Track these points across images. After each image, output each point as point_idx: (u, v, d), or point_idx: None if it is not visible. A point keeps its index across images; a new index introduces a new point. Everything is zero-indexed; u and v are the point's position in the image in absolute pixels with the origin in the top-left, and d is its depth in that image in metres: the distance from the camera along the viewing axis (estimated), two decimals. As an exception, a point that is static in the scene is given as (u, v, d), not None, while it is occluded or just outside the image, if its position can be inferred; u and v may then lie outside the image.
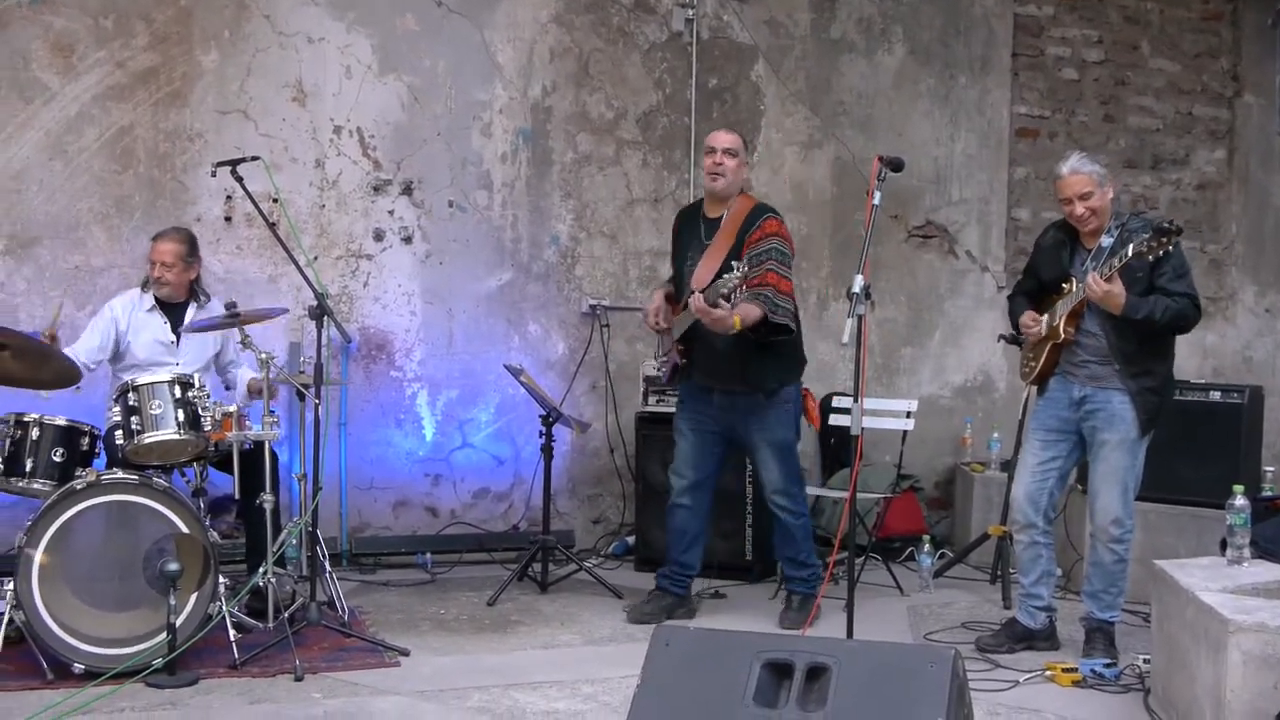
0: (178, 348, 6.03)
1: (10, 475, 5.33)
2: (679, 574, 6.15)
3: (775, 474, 6.01)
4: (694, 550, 6.16)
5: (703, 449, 6.10)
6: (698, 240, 6.00)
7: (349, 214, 7.23)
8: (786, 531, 6.10)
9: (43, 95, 6.72)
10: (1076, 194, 5.33)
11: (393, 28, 7.24)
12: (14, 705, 4.65)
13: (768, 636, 3.63)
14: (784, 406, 6.00)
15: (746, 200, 5.98)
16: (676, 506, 6.14)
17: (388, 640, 5.54)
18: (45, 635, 4.92)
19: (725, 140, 5.95)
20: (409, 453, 7.36)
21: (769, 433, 5.98)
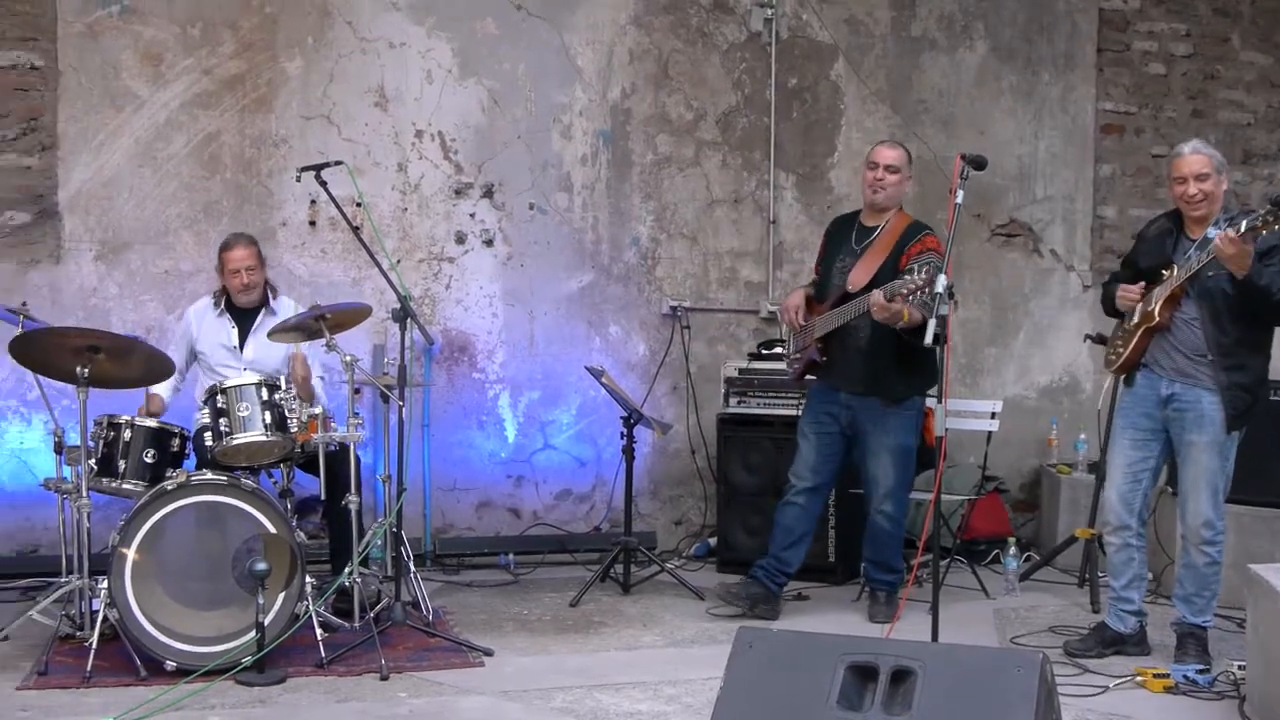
0: (242, 352, 6.09)
1: (103, 476, 5.43)
2: (776, 569, 6.14)
3: (889, 480, 6.01)
4: (797, 549, 6.15)
5: (824, 454, 6.12)
6: (849, 245, 6.07)
7: (431, 217, 7.29)
8: (880, 537, 6.10)
9: (133, 103, 6.85)
10: (1193, 173, 5.26)
11: (472, 32, 7.29)
12: (109, 701, 4.74)
13: (852, 639, 3.60)
14: (908, 415, 6.04)
15: (904, 216, 6.08)
16: (789, 504, 6.15)
17: (472, 640, 5.57)
18: (138, 633, 5.01)
19: (888, 157, 6.04)
20: (491, 454, 7.41)
21: (890, 437, 5.99)
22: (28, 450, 6.74)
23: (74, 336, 5.32)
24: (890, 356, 5.88)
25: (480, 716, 4.75)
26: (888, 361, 5.90)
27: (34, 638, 5.40)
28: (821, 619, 6.04)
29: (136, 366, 5.49)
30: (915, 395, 6.06)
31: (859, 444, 6.11)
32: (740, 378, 7.18)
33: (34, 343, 5.32)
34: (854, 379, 5.99)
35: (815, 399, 6.21)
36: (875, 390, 5.96)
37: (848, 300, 5.89)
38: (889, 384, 5.94)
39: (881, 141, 6.34)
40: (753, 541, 6.88)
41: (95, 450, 5.43)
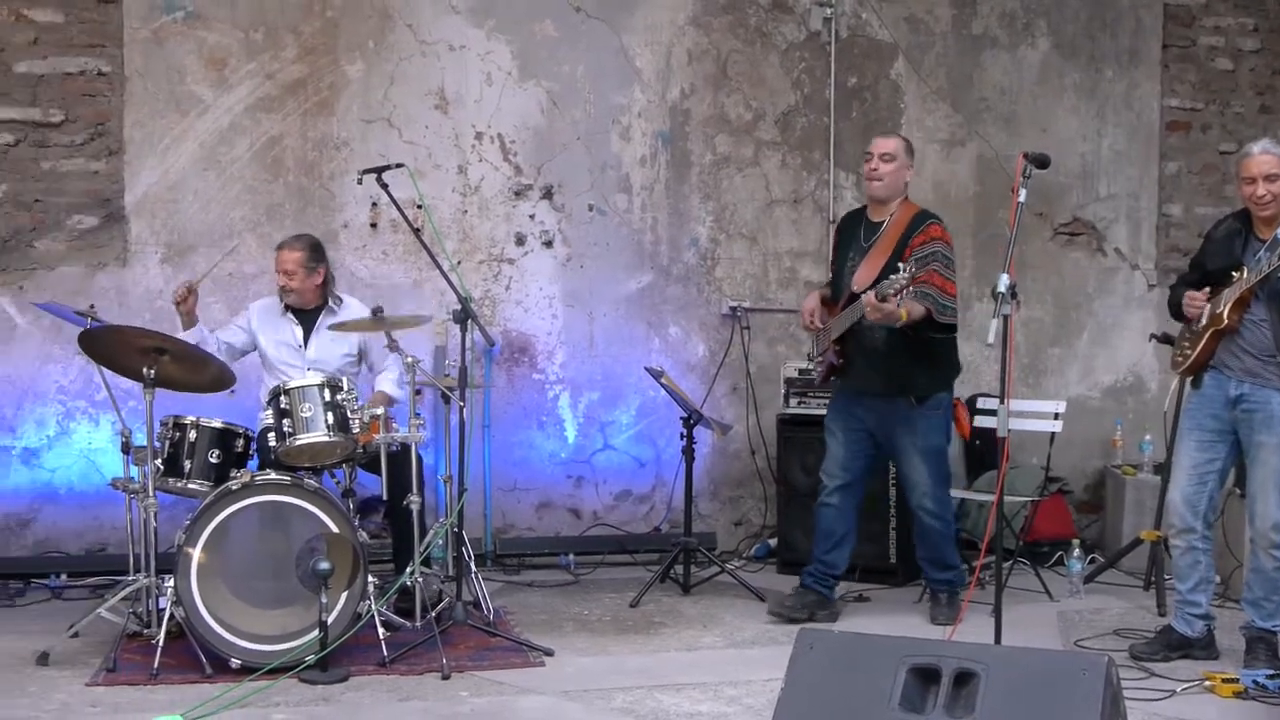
0: (305, 351, 6.14)
1: (169, 476, 5.50)
2: (823, 573, 6.12)
3: (925, 480, 5.97)
4: (840, 550, 6.12)
5: (853, 450, 6.08)
6: (857, 243, 6.03)
7: (491, 219, 7.32)
8: (929, 535, 6.06)
9: (197, 108, 6.93)
10: (1262, 174, 5.18)
11: (531, 34, 7.32)
12: (176, 698, 4.80)
13: (914, 641, 3.57)
14: (934, 413, 5.99)
15: (909, 207, 6.00)
16: (824, 506, 6.12)
17: (532, 640, 5.60)
18: (204, 631, 5.08)
19: (882, 145, 5.99)
20: (551, 454, 7.43)
21: (919, 439, 5.95)
22: (96, 450, 6.84)
23: (141, 337, 5.40)
24: (907, 354, 5.82)
25: (541, 716, 4.77)
26: (905, 360, 5.84)
27: (103, 635, 5.49)
28: (882, 621, 6.00)
29: (200, 372, 5.56)
30: (939, 391, 6.01)
31: (889, 447, 6.09)
32: (800, 378, 7.15)
33: (102, 341, 5.41)
34: (873, 381, 5.95)
35: (841, 399, 6.18)
36: (896, 390, 5.91)
37: (855, 299, 5.84)
38: (909, 383, 5.90)
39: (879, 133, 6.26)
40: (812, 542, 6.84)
41: (161, 450, 5.49)
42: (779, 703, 3.42)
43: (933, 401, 5.97)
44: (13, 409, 6.76)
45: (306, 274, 6.09)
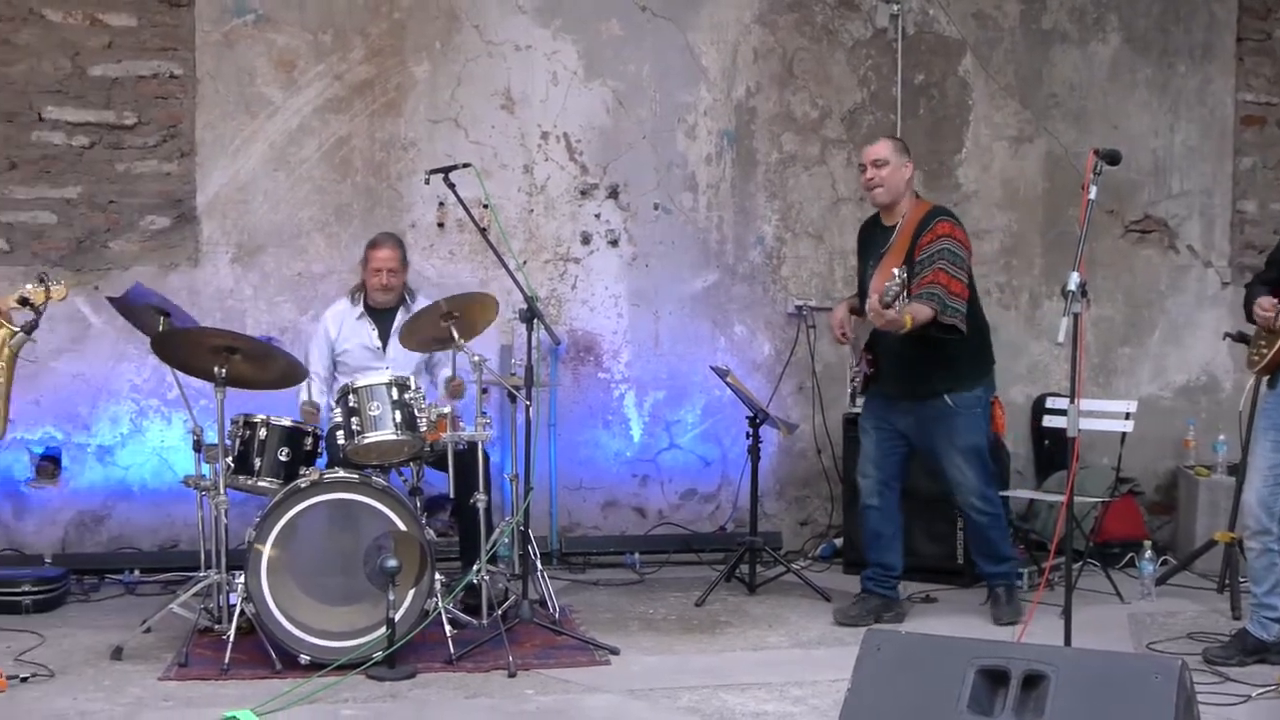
0: (385, 353, 6.20)
1: (240, 473, 5.56)
2: (882, 575, 6.09)
3: (969, 479, 5.94)
4: (893, 551, 6.09)
5: (884, 447, 6.07)
6: (875, 250, 5.99)
7: (557, 218, 7.34)
8: (981, 531, 6.04)
9: (267, 109, 7.01)
10: None
11: (597, 33, 7.33)
12: (246, 693, 4.86)
13: (982, 642, 3.54)
14: (970, 412, 5.95)
15: (920, 206, 5.96)
16: (867, 509, 6.11)
17: (598, 639, 5.60)
18: (274, 627, 5.13)
19: (873, 153, 5.95)
20: (617, 453, 7.44)
21: (957, 438, 5.92)
22: (168, 448, 6.94)
23: (212, 337, 5.47)
24: (933, 357, 5.76)
25: (606, 715, 4.77)
26: (928, 362, 5.78)
27: (174, 630, 5.56)
28: (948, 621, 5.96)
29: (272, 369, 5.62)
30: (971, 390, 5.95)
31: (928, 450, 6.05)
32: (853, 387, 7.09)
33: (175, 341, 5.49)
34: (905, 385, 5.92)
35: (875, 403, 6.13)
36: (924, 393, 5.87)
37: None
38: (935, 384, 5.85)
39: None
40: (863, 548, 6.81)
41: (232, 448, 5.56)
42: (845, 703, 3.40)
43: (968, 400, 5.92)
44: (88, 407, 6.88)
45: (403, 271, 6.26)
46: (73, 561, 6.70)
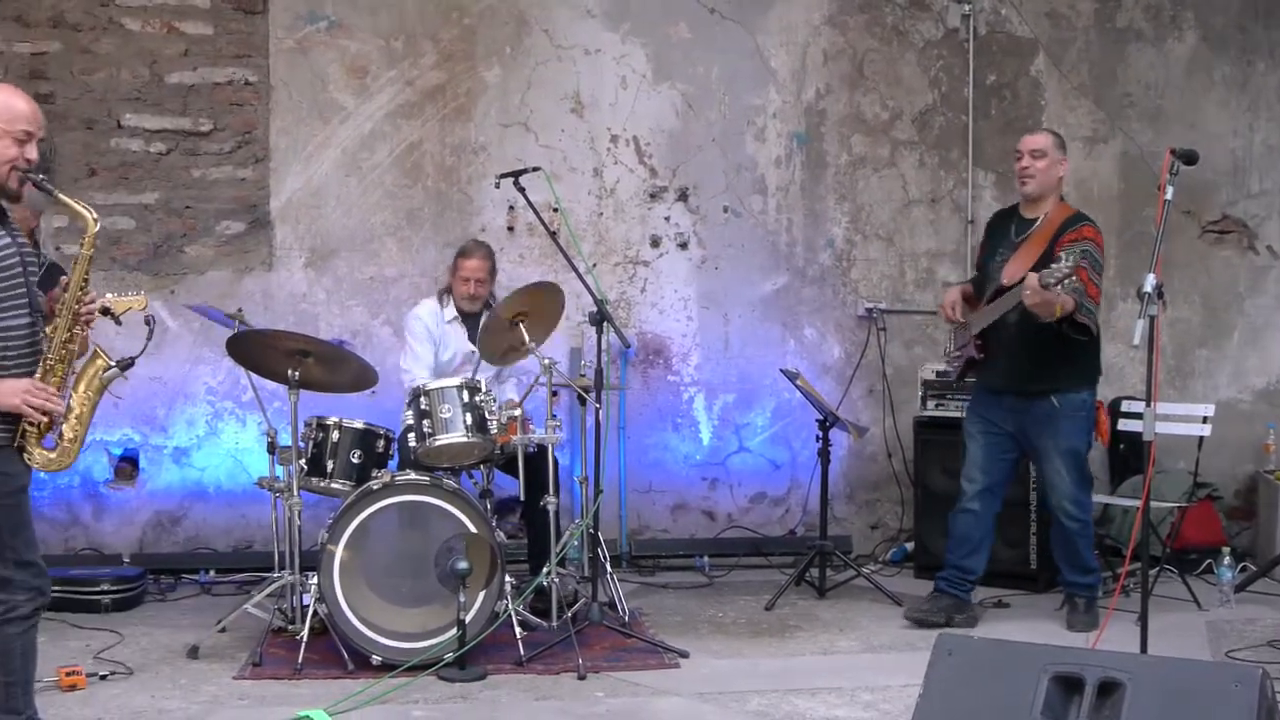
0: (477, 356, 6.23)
1: (313, 475, 5.62)
2: (959, 578, 6.03)
3: (1066, 483, 5.85)
4: (978, 556, 6.03)
5: (993, 453, 5.99)
6: (1008, 239, 5.94)
7: (626, 221, 7.35)
8: (1068, 538, 5.95)
9: (339, 115, 7.09)
10: None
11: (666, 36, 7.34)
12: (319, 692, 4.90)
13: (1056, 649, 3.50)
14: (1077, 415, 5.87)
15: (1065, 208, 5.93)
16: (964, 512, 6.03)
17: (667, 642, 5.60)
18: (346, 627, 5.17)
19: (1031, 142, 5.90)
20: (686, 456, 7.44)
21: (1061, 440, 5.84)
22: (242, 450, 7.03)
23: (286, 340, 5.53)
24: (1048, 352, 5.71)
25: (675, 718, 4.76)
26: (1046, 358, 5.73)
27: (249, 630, 5.63)
28: (1022, 627, 5.90)
29: (344, 372, 5.68)
30: (1081, 392, 5.88)
31: (1029, 449, 5.98)
32: (938, 380, 7.05)
33: (250, 343, 5.55)
34: (1013, 379, 5.85)
35: (979, 401, 6.08)
36: (1037, 390, 5.80)
37: (1003, 293, 5.74)
38: (1050, 381, 5.78)
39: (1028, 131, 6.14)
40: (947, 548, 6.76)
41: (305, 450, 5.62)
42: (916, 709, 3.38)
43: (1074, 402, 5.85)
44: (165, 409, 6.98)
45: (491, 282, 6.31)
46: (150, 561, 6.81)
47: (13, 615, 3.85)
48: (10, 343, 3.84)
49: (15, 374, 3.84)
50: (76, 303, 4.00)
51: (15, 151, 3.87)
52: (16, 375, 3.84)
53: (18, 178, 3.90)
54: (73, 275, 4.01)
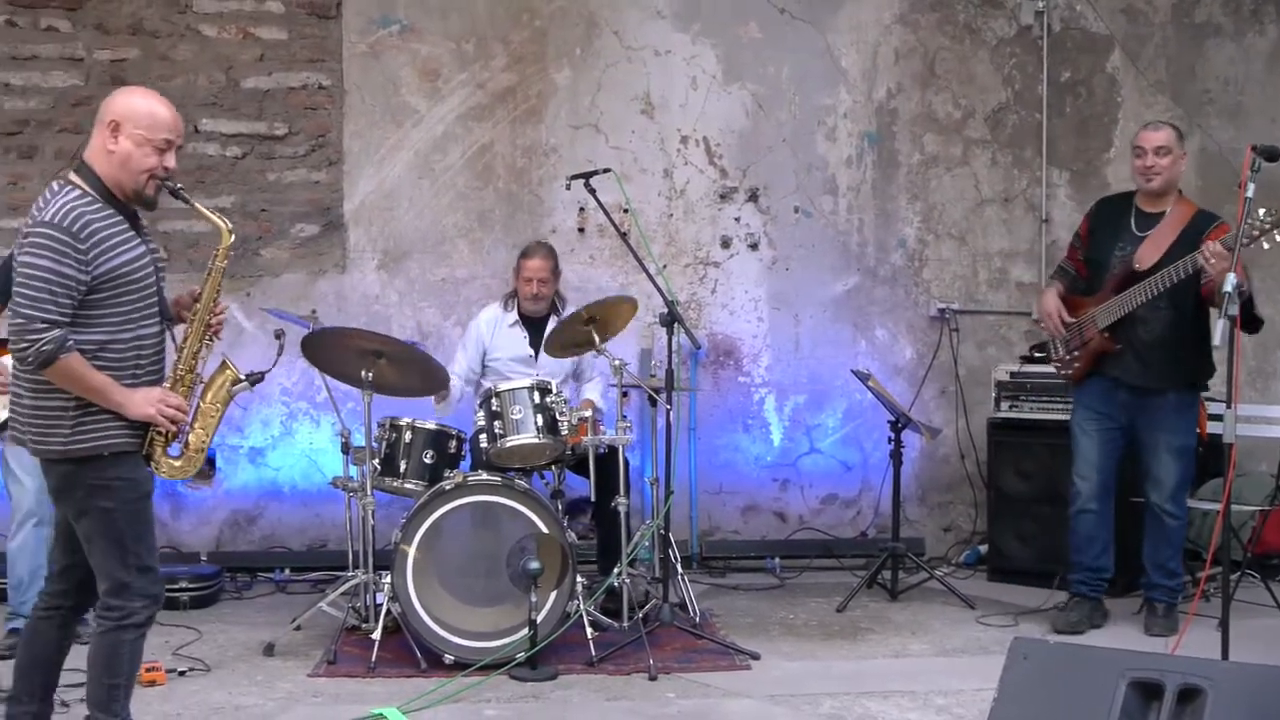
0: (536, 361, 6.27)
1: (386, 475, 5.67)
2: (1094, 579, 5.94)
3: (1172, 479, 5.78)
4: (1108, 554, 5.94)
5: (1106, 448, 5.89)
6: (1128, 232, 5.81)
7: (696, 222, 7.35)
8: (1165, 535, 5.85)
9: (412, 118, 7.14)
10: None
11: (736, 37, 7.32)
12: (393, 690, 4.95)
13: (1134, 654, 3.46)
14: (1190, 412, 5.82)
15: (1188, 204, 5.81)
16: (1084, 513, 5.92)
17: (738, 643, 5.59)
18: (419, 626, 5.21)
19: (1155, 139, 5.75)
20: (757, 458, 7.42)
21: (1175, 436, 5.77)
22: (317, 450, 7.10)
23: (360, 339, 5.59)
24: (1181, 343, 5.65)
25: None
26: (1178, 352, 5.66)
27: (323, 628, 5.69)
28: (1098, 632, 5.81)
29: (414, 375, 5.72)
30: (1195, 390, 5.83)
31: (1140, 442, 5.88)
32: (1012, 381, 6.98)
33: (324, 345, 5.61)
34: (1137, 371, 5.73)
35: (1091, 395, 5.94)
36: (1160, 382, 5.71)
37: (1134, 281, 5.62)
38: (1172, 378, 5.71)
39: (1145, 124, 6.01)
40: (1026, 550, 6.70)
41: (379, 451, 5.67)
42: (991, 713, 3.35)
43: (1188, 400, 5.80)
44: (240, 410, 7.06)
45: (554, 281, 6.34)
46: (226, 560, 6.91)
47: (128, 622, 3.90)
48: (143, 352, 3.90)
49: (146, 382, 3.90)
50: (209, 314, 4.06)
51: (155, 160, 3.91)
52: (147, 383, 3.90)
53: (155, 186, 3.94)
54: (206, 286, 4.07)
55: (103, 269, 3.77)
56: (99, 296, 3.78)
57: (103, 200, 3.84)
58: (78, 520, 3.89)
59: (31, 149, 6.96)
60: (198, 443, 4.05)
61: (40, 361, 3.70)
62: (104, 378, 3.78)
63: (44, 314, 3.69)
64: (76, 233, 3.72)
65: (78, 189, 3.83)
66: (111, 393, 3.79)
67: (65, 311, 3.72)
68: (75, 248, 3.71)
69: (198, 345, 4.05)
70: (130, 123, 3.87)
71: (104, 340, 3.80)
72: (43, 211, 3.76)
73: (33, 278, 3.70)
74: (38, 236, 3.72)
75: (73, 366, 3.73)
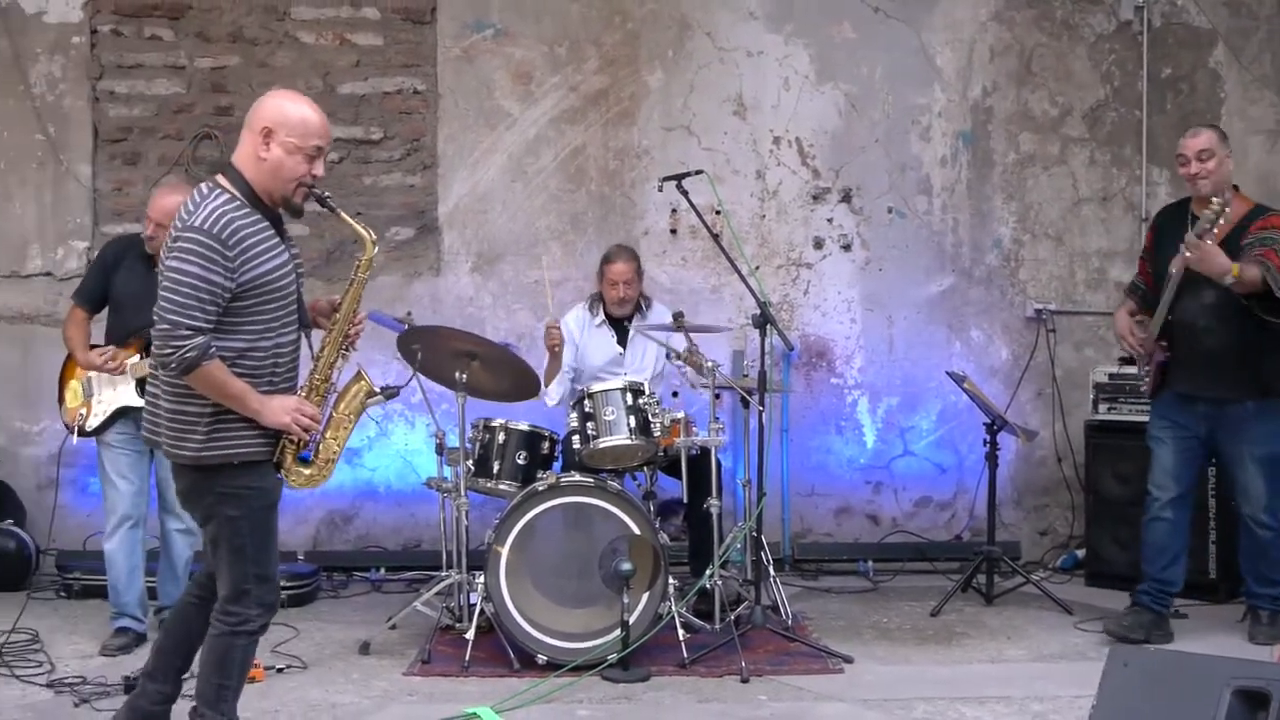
0: (624, 359, 6.30)
1: (480, 476, 5.72)
2: (1160, 591, 5.77)
3: (1261, 490, 5.62)
4: (1175, 567, 5.77)
5: (1183, 458, 5.74)
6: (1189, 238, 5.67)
7: (789, 223, 7.32)
8: (1260, 547, 5.70)
9: (505, 121, 7.20)
10: None
11: (829, 37, 7.29)
12: (486, 690, 4.99)
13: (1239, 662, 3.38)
14: (1272, 419, 5.60)
15: (1243, 201, 5.65)
16: (1157, 520, 5.77)
17: (831, 646, 5.56)
18: (512, 627, 5.25)
19: (1196, 144, 5.61)
20: (850, 460, 7.37)
21: (1258, 446, 5.59)
22: (412, 451, 7.18)
23: (454, 338, 5.64)
24: (1245, 352, 5.48)
25: (840, 724, 4.74)
26: (1242, 357, 5.49)
27: (417, 627, 5.76)
28: (1200, 640, 5.68)
29: (506, 379, 5.76)
30: (1277, 396, 5.61)
31: (1223, 454, 5.75)
32: (1111, 383, 6.86)
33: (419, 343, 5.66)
34: (1208, 384, 5.58)
35: (1166, 405, 5.79)
36: (1234, 392, 5.54)
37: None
38: (1247, 386, 5.53)
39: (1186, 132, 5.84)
40: (1124, 554, 6.57)
41: (472, 452, 5.72)
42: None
43: (1272, 406, 5.59)
44: (337, 411, 7.15)
45: (638, 283, 6.37)
46: (323, 559, 7.01)
47: (242, 629, 3.95)
48: (280, 359, 3.92)
49: (281, 389, 3.92)
50: (349, 324, 4.10)
51: (305, 168, 3.92)
52: (282, 390, 3.92)
53: (304, 194, 3.96)
54: (347, 297, 4.09)
55: (247, 276, 3.78)
56: (242, 304, 3.80)
57: (250, 205, 3.85)
58: (204, 525, 3.94)
59: (135, 155, 7.12)
60: (328, 452, 4.06)
61: (183, 368, 3.72)
62: (242, 385, 3.80)
63: (190, 320, 3.70)
64: (225, 239, 3.72)
65: (226, 193, 3.83)
66: (249, 399, 3.81)
67: (210, 318, 3.73)
68: (223, 254, 3.72)
69: (335, 355, 4.06)
70: (283, 129, 3.87)
71: (243, 348, 3.82)
72: (192, 215, 3.76)
73: (180, 283, 3.71)
74: (187, 241, 3.73)
75: (213, 373, 3.74)
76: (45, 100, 7.11)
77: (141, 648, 5.52)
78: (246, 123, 3.93)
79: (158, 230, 5.41)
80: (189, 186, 5.53)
